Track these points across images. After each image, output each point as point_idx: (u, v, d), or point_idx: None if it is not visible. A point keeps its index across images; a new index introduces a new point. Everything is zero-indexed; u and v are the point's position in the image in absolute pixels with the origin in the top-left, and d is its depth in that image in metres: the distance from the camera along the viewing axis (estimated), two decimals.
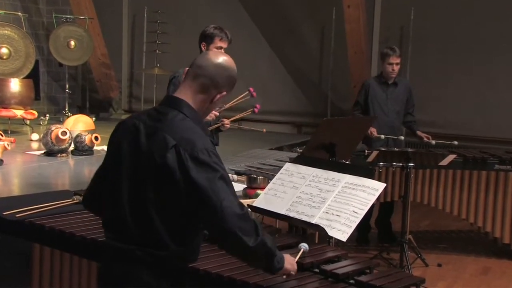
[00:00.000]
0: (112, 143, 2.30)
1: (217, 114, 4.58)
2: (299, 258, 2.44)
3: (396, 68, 5.72)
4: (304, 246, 2.53)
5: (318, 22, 9.55)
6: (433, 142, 5.81)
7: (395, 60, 5.68)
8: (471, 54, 8.43)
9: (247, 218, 2.13)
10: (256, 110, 4.74)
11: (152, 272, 2.16)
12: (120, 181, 2.20)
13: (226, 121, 4.60)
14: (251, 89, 4.66)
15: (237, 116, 4.72)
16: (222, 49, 4.49)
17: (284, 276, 2.29)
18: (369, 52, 8.92)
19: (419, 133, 5.91)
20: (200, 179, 2.07)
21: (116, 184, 2.21)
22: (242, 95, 4.63)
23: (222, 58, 2.28)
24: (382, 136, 5.59)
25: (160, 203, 2.12)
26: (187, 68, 2.29)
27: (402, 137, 5.68)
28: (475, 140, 8.13)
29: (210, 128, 4.55)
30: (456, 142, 5.86)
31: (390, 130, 5.76)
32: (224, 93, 2.27)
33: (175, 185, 2.09)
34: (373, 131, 5.54)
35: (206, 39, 4.51)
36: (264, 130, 4.52)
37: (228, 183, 2.14)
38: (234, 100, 4.56)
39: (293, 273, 2.30)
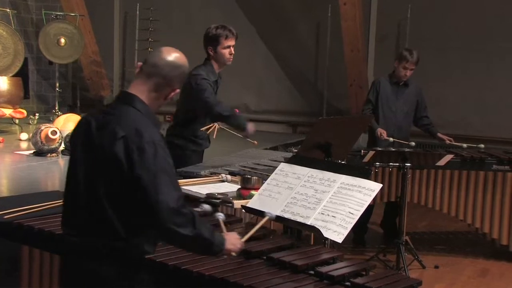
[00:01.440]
0: (70, 142, 2.43)
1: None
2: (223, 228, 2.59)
3: (410, 73, 5.74)
4: (220, 216, 2.71)
5: (313, 20, 9.54)
6: (465, 145, 5.73)
7: (410, 66, 5.69)
8: (469, 52, 8.44)
9: (182, 211, 2.20)
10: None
11: (110, 263, 2.24)
12: (75, 176, 2.31)
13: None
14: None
15: None
16: (231, 48, 4.45)
17: (233, 254, 2.38)
18: (366, 50, 8.92)
19: (439, 135, 5.90)
20: (142, 174, 2.16)
21: (72, 179, 2.33)
22: None
23: (175, 56, 2.37)
24: (391, 139, 5.55)
25: (111, 194, 2.22)
26: (140, 63, 2.39)
27: (413, 143, 5.60)
28: (473, 140, 8.08)
29: (208, 131, 4.49)
30: (482, 146, 5.77)
31: (397, 130, 5.78)
32: (177, 90, 2.39)
33: (123, 176, 2.18)
34: (382, 132, 5.54)
35: (212, 42, 4.44)
36: (256, 142, 4.50)
37: (171, 175, 2.22)
38: None
39: (237, 250, 2.40)
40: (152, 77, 2.32)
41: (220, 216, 2.72)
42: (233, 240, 2.39)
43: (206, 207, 2.89)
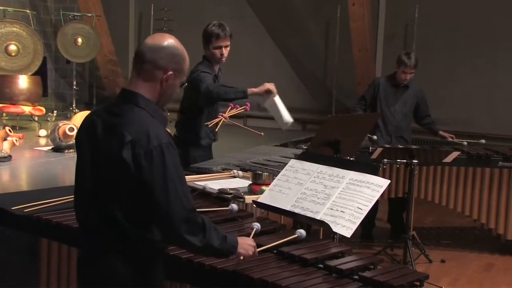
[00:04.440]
0: (76, 140, 2.38)
1: (227, 117, 4.57)
2: (253, 236, 2.55)
3: (410, 76, 5.73)
4: (256, 225, 2.65)
5: (323, 20, 9.57)
6: (465, 142, 5.80)
7: (409, 70, 5.67)
8: (476, 51, 8.44)
9: (193, 219, 2.17)
10: (247, 108, 4.74)
11: (123, 260, 2.22)
12: (83, 176, 2.27)
13: (226, 115, 4.57)
14: (248, 104, 4.63)
15: (232, 112, 4.72)
16: (223, 48, 4.41)
17: (242, 257, 2.33)
18: (374, 49, 8.93)
19: (441, 132, 5.93)
20: (150, 181, 2.11)
21: (80, 179, 2.29)
22: (240, 108, 4.64)
23: (156, 39, 2.27)
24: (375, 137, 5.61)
25: (120, 197, 2.17)
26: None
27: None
28: (480, 137, 8.12)
29: (211, 124, 4.55)
30: (483, 141, 5.84)
31: (396, 130, 5.80)
32: (171, 72, 2.24)
33: (131, 180, 2.14)
34: None
35: (205, 40, 4.44)
36: (262, 134, 4.55)
37: (180, 179, 2.17)
38: (233, 111, 4.57)
39: (248, 256, 2.34)
40: (139, 67, 2.24)
41: (256, 225, 2.66)
42: (245, 246, 2.34)
43: (234, 207, 2.88)
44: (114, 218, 2.18)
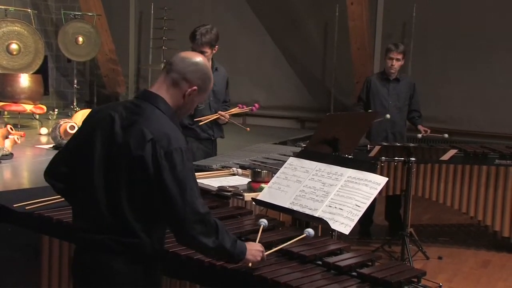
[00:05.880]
0: (84, 130, 2.33)
1: (228, 117, 4.63)
2: (260, 235, 2.56)
3: (396, 63, 5.73)
4: (263, 222, 2.67)
5: (321, 19, 9.60)
6: (420, 136, 5.86)
7: (395, 55, 5.70)
8: (473, 50, 8.45)
9: (208, 221, 2.19)
10: (254, 109, 4.77)
11: (122, 259, 2.22)
12: (92, 172, 2.23)
13: (223, 113, 4.62)
14: (256, 105, 4.71)
15: (234, 111, 4.76)
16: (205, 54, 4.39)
17: (250, 264, 2.34)
18: (372, 48, 8.95)
19: (419, 127, 5.92)
20: (169, 180, 2.13)
21: (88, 175, 2.24)
22: (246, 108, 4.69)
23: (191, 55, 2.36)
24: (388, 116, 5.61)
25: (131, 193, 2.18)
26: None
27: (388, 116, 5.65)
28: (477, 135, 8.20)
29: (207, 121, 4.59)
30: (446, 135, 5.86)
31: (390, 124, 5.80)
32: (195, 87, 2.30)
33: (147, 178, 2.14)
34: None
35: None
36: (248, 129, 4.60)
37: (195, 182, 2.20)
38: (234, 110, 4.63)
39: (256, 262, 2.35)
40: (169, 73, 2.30)
41: (263, 222, 2.69)
42: (254, 252, 2.34)
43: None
44: (124, 217, 2.18)
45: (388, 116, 5.60)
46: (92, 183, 2.22)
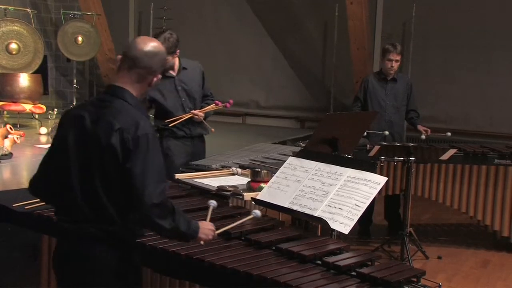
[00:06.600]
0: (58, 136, 2.43)
1: (202, 115, 4.64)
2: (211, 216, 2.68)
3: (395, 65, 5.73)
4: (212, 203, 2.76)
5: (321, 19, 9.60)
6: (423, 137, 5.85)
7: (394, 57, 5.69)
8: (473, 50, 8.47)
9: (164, 204, 2.29)
10: (228, 105, 4.76)
11: (103, 246, 2.32)
12: (68, 168, 2.33)
13: (196, 112, 4.60)
14: (231, 101, 4.72)
15: (209, 108, 4.74)
16: (169, 58, 4.35)
17: (202, 242, 2.49)
18: (372, 48, 8.96)
19: (419, 127, 5.91)
20: (133, 164, 2.24)
21: (65, 172, 2.34)
22: (221, 105, 4.70)
23: (151, 45, 2.42)
24: (386, 132, 5.59)
25: (106, 182, 2.29)
26: (120, 56, 2.43)
27: (387, 132, 5.61)
28: (477, 135, 8.21)
29: (180, 120, 4.57)
30: (449, 134, 5.87)
31: (388, 124, 5.78)
32: (159, 76, 2.45)
33: (118, 165, 2.26)
34: None
35: None
36: (213, 130, 4.63)
37: (159, 167, 2.30)
38: (209, 108, 4.66)
39: (208, 240, 2.50)
40: (133, 69, 2.37)
41: (212, 203, 2.77)
42: (206, 231, 2.48)
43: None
44: (101, 207, 2.29)
45: (386, 132, 5.59)
46: (69, 177, 2.33)
